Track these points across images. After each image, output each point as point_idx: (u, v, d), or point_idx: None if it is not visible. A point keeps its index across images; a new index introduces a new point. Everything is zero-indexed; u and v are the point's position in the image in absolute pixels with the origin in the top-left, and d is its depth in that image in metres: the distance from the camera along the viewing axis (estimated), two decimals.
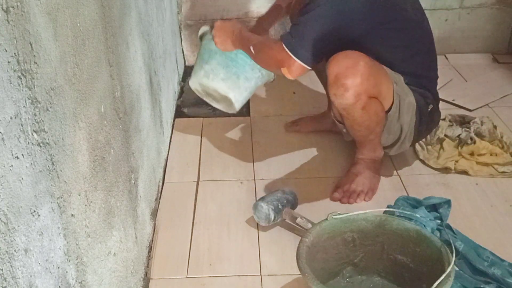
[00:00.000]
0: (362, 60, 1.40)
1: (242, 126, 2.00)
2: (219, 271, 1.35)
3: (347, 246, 1.25)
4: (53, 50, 0.74)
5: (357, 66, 1.38)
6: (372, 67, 1.42)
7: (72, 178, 0.81)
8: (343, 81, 1.39)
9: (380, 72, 1.46)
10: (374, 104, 1.46)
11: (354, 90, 1.39)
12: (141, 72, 1.39)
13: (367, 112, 1.45)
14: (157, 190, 1.59)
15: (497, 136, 1.78)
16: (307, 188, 1.64)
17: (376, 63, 1.46)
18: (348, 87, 1.39)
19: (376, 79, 1.43)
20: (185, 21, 2.44)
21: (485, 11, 2.45)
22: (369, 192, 1.59)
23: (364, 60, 1.40)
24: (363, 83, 1.39)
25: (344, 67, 1.39)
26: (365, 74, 1.39)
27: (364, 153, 1.61)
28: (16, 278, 0.62)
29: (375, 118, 1.49)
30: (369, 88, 1.41)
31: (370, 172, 1.61)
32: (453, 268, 1.06)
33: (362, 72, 1.38)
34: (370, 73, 1.40)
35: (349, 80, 1.38)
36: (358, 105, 1.42)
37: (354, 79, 1.38)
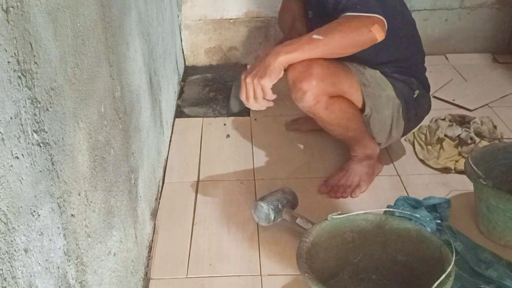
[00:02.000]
0: (315, 63, 1.41)
1: (242, 126, 2.00)
2: (219, 271, 1.35)
3: (347, 246, 1.25)
4: (53, 50, 0.74)
5: (310, 69, 1.41)
6: (327, 67, 1.44)
7: (72, 178, 0.81)
8: (299, 85, 1.42)
9: (338, 70, 1.48)
10: (338, 102, 1.48)
11: (310, 92, 1.42)
12: (141, 72, 1.39)
13: (332, 111, 1.48)
14: (157, 190, 1.59)
15: (497, 136, 1.78)
16: (307, 188, 1.64)
17: (334, 62, 1.47)
18: (304, 90, 1.42)
19: (334, 78, 1.46)
20: (185, 21, 2.44)
21: (485, 11, 2.45)
22: (356, 188, 1.60)
23: (317, 62, 1.42)
24: (318, 84, 1.41)
25: (298, 71, 1.42)
26: (319, 75, 1.41)
27: (356, 150, 1.62)
28: (16, 278, 0.62)
29: (343, 115, 1.51)
30: (327, 88, 1.44)
31: (361, 169, 1.62)
32: (453, 268, 1.06)
33: (315, 73, 1.40)
34: (325, 74, 1.42)
35: (304, 84, 1.41)
36: (319, 105, 1.46)
37: (309, 81, 1.41)
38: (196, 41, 2.48)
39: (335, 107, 1.48)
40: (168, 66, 1.97)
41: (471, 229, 1.44)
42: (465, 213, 1.51)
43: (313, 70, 1.41)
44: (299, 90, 1.43)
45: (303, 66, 1.42)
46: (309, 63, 1.42)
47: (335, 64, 1.47)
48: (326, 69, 1.43)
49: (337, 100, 1.48)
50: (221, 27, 2.45)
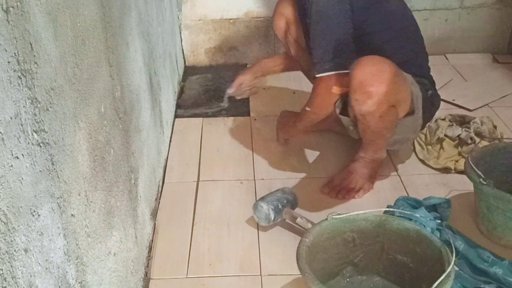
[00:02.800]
0: (388, 67, 1.38)
1: (242, 126, 2.00)
2: (219, 271, 1.35)
3: (347, 246, 1.25)
4: (53, 50, 0.74)
5: (383, 74, 1.36)
6: (396, 75, 1.40)
7: (72, 178, 0.81)
8: (367, 88, 1.37)
9: (401, 78, 1.45)
10: (391, 113, 1.45)
11: (377, 98, 1.37)
12: (141, 72, 1.39)
13: (383, 120, 1.45)
14: (157, 190, 1.59)
15: (497, 136, 1.78)
16: (307, 188, 1.64)
17: (398, 69, 1.44)
18: (372, 95, 1.37)
19: (398, 87, 1.42)
20: (185, 21, 2.44)
21: (485, 11, 2.45)
22: (360, 191, 1.59)
23: (390, 67, 1.38)
24: (387, 92, 1.36)
25: (369, 73, 1.37)
26: (390, 83, 1.36)
27: (367, 153, 1.61)
28: (16, 278, 0.62)
29: (389, 126, 1.49)
30: (391, 96, 1.40)
31: (366, 172, 1.61)
32: (453, 268, 1.06)
33: (387, 80, 1.36)
34: (394, 81, 1.38)
35: (374, 88, 1.36)
36: (377, 113, 1.41)
37: (379, 87, 1.36)
38: (196, 41, 2.48)
39: (387, 118, 1.45)
40: (168, 66, 1.97)
41: (471, 229, 1.44)
42: (465, 213, 1.51)
43: (385, 75, 1.36)
44: (365, 93, 1.37)
45: (375, 69, 1.37)
46: (381, 67, 1.37)
47: (399, 69, 1.43)
48: (395, 76, 1.39)
49: (392, 111, 1.44)
50: (221, 27, 2.45)
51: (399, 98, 1.45)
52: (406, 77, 1.49)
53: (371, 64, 1.38)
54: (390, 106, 1.43)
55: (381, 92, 1.36)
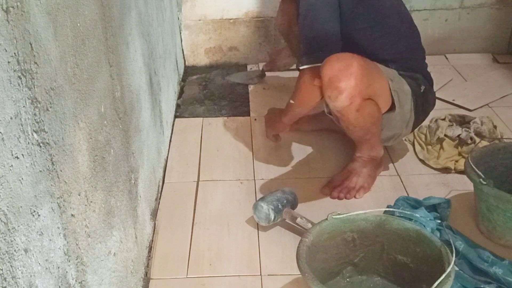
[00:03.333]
0: (355, 61, 1.39)
1: (242, 126, 2.00)
2: (219, 271, 1.35)
3: (347, 246, 1.25)
4: (53, 50, 0.74)
5: (350, 68, 1.38)
6: (366, 68, 1.42)
7: (72, 178, 0.81)
8: (336, 84, 1.39)
9: (373, 71, 1.46)
10: (369, 106, 1.46)
11: (348, 92, 1.38)
12: (141, 72, 1.39)
13: (362, 114, 1.45)
14: (157, 190, 1.59)
15: (497, 136, 1.78)
16: (307, 188, 1.64)
17: (369, 62, 1.46)
18: (341, 90, 1.38)
19: (370, 80, 1.43)
20: (185, 21, 2.44)
21: (485, 11, 2.45)
22: (360, 189, 1.59)
23: (357, 61, 1.39)
24: (357, 84, 1.38)
25: (336, 69, 1.39)
26: (359, 76, 1.38)
27: (363, 152, 1.62)
28: (16, 278, 0.62)
29: (370, 119, 1.49)
30: (363, 89, 1.41)
31: (366, 171, 1.62)
32: (453, 268, 1.06)
33: (355, 74, 1.38)
34: (363, 74, 1.40)
35: (343, 83, 1.38)
36: (352, 107, 1.42)
37: (348, 81, 1.38)
38: (196, 41, 2.48)
39: (365, 110, 1.45)
40: (168, 66, 1.97)
41: (471, 229, 1.44)
42: (465, 213, 1.51)
43: (352, 69, 1.37)
44: (335, 89, 1.39)
45: (341, 64, 1.39)
46: (348, 62, 1.39)
47: (369, 63, 1.45)
48: (364, 70, 1.40)
49: (368, 103, 1.45)
50: (221, 27, 2.45)
51: (374, 91, 1.45)
52: (381, 71, 1.49)
53: (338, 60, 1.40)
54: (365, 100, 1.44)
55: (351, 86, 1.38)
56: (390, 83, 1.50)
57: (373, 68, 1.47)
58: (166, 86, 1.87)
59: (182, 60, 2.46)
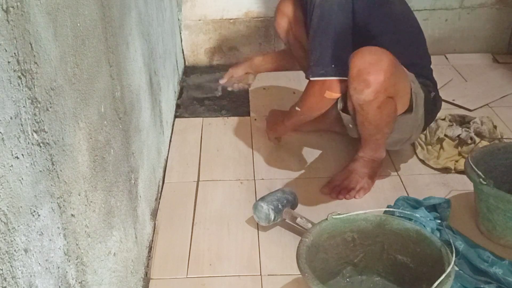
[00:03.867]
0: (386, 57, 1.38)
1: (242, 126, 2.00)
2: (219, 271, 1.35)
3: (347, 246, 1.25)
4: (53, 50, 0.74)
5: (381, 63, 1.36)
6: (395, 66, 1.40)
7: (72, 178, 0.81)
8: (365, 76, 1.36)
9: (400, 71, 1.45)
10: (390, 105, 1.45)
11: (375, 87, 1.37)
12: (141, 72, 1.39)
13: (381, 111, 1.45)
14: (157, 190, 1.59)
15: (497, 136, 1.78)
16: (307, 188, 1.64)
17: (397, 61, 1.44)
18: (369, 84, 1.36)
19: (396, 78, 1.42)
20: (185, 21, 2.44)
21: (485, 11, 2.45)
22: (360, 190, 1.59)
23: (388, 57, 1.38)
24: (385, 81, 1.36)
25: (367, 62, 1.37)
26: (388, 72, 1.36)
27: (366, 152, 1.61)
28: (16, 278, 0.62)
29: (387, 119, 1.48)
30: (389, 87, 1.39)
31: (366, 172, 1.62)
32: (453, 268, 1.06)
33: (385, 69, 1.36)
34: (392, 72, 1.38)
35: (372, 77, 1.36)
36: (375, 103, 1.41)
37: (377, 76, 1.36)
38: (196, 41, 2.48)
39: (386, 109, 1.44)
40: (168, 66, 1.97)
41: (471, 229, 1.44)
42: (465, 213, 1.51)
43: (383, 64, 1.36)
44: (363, 82, 1.37)
45: (373, 58, 1.37)
46: (380, 56, 1.37)
47: (398, 62, 1.44)
48: (393, 67, 1.39)
49: (390, 102, 1.44)
50: (221, 27, 2.45)
51: (397, 90, 1.44)
52: (406, 72, 1.49)
53: (370, 53, 1.39)
54: (388, 98, 1.43)
55: (379, 81, 1.36)
56: (412, 85, 1.49)
57: (400, 68, 1.46)
58: (166, 86, 1.87)
59: (182, 60, 2.46)
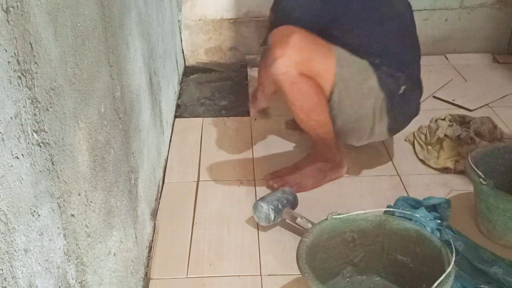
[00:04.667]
0: (296, 33, 1.42)
1: (242, 126, 2.00)
2: (219, 271, 1.35)
3: (347, 246, 1.25)
4: (53, 50, 0.74)
5: (289, 38, 1.40)
6: (307, 43, 1.43)
7: (72, 178, 0.81)
8: (274, 49, 1.42)
9: (318, 49, 1.46)
10: (305, 83, 1.45)
11: (282, 59, 1.41)
12: (141, 72, 1.39)
13: (296, 88, 1.45)
14: (157, 190, 1.59)
15: (497, 136, 1.78)
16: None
17: (318, 41, 1.46)
18: (277, 56, 1.41)
19: (311, 54, 1.44)
20: (185, 21, 2.44)
21: (485, 11, 2.45)
22: (294, 187, 1.58)
23: (298, 34, 1.42)
24: (292, 54, 1.40)
25: (277, 37, 1.43)
26: (296, 46, 1.40)
27: (318, 149, 1.63)
28: (16, 278, 0.62)
29: (307, 98, 1.48)
30: (301, 61, 1.42)
31: (311, 170, 1.63)
32: (453, 268, 1.06)
33: (292, 43, 1.40)
34: (301, 47, 1.42)
35: (278, 50, 1.41)
36: (286, 77, 1.43)
37: (284, 49, 1.40)
38: (196, 41, 2.48)
39: (300, 86, 1.45)
40: (168, 66, 1.97)
41: (471, 229, 1.44)
42: (465, 213, 1.51)
43: (291, 39, 1.41)
44: (271, 55, 1.43)
45: (282, 33, 1.43)
46: (290, 32, 1.42)
47: (316, 40, 1.46)
48: (304, 44, 1.43)
49: (306, 80, 1.45)
50: (221, 27, 2.45)
51: (313, 69, 1.45)
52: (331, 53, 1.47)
53: (281, 29, 1.45)
54: (304, 76, 1.44)
55: (286, 54, 1.40)
56: (338, 69, 1.47)
57: (319, 45, 1.47)
58: (166, 86, 1.87)
59: (182, 60, 2.46)
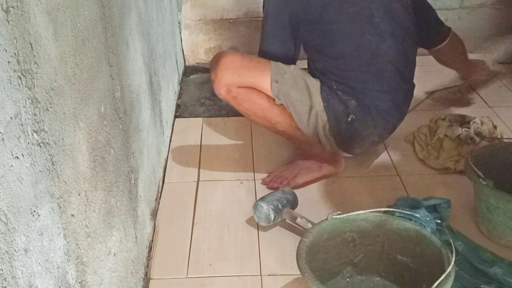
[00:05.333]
0: (226, 54, 1.57)
1: (242, 126, 2.00)
2: (219, 271, 1.35)
3: (347, 246, 1.25)
4: (53, 50, 0.74)
5: (218, 60, 1.53)
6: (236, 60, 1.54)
7: (72, 178, 0.81)
8: (210, 75, 1.56)
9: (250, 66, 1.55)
10: (247, 92, 1.54)
11: (217, 81, 1.53)
12: (141, 72, 1.39)
13: (240, 100, 1.56)
14: (157, 190, 1.59)
15: (497, 136, 1.78)
16: (307, 188, 1.63)
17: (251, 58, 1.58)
18: (213, 79, 1.55)
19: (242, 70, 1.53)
20: (185, 21, 2.44)
21: (485, 11, 2.45)
22: (291, 180, 1.61)
23: (228, 54, 1.57)
24: (223, 75, 1.51)
25: (211, 64, 1.57)
26: (225, 66, 1.52)
27: (301, 148, 1.71)
28: (16, 278, 0.62)
29: (255, 106, 1.56)
30: (233, 78, 1.52)
31: (305, 163, 1.65)
32: (453, 268, 1.06)
33: (221, 64, 1.52)
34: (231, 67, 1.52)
35: (212, 73, 1.55)
36: (226, 95, 1.55)
37: (216, 72, 1.53)
38: (196, 41, 2.48)
39: (242, 96, 1.55)
40: (168, 66, 1.97)
41: (471, 229, 1.44)
42: (465, 213, 1.51)
43: (220, 61, 1.53)
44: (211, 80, 1.56)
45: (216, 59, 1.56)
46: (221, 55, 1.56)
47: (249, 58, 1.58)
48: (233, 62, 1.53)
49: (246, 89, 1.54)
50: (221, 27, 2.45)
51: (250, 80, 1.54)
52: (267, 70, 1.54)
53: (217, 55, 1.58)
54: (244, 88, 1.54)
55: (218, 76, 1.53)
56: (274, 84, 1.53)
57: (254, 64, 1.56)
58: (166, 86, 1.87)
59: (182, 60, 2.46)
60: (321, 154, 1.65)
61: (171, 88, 2.04)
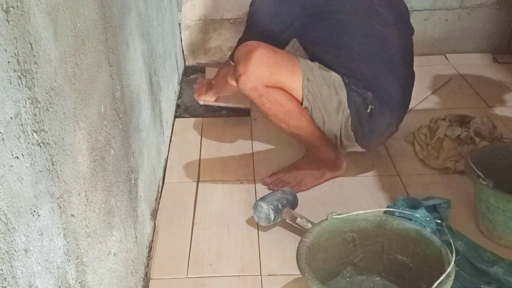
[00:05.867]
0: (259, 48, 1.45)
1: (242, 126, 2.00)
2: (219, 271, 1.35)
3: (347, 246, 1.25)
4: (53, 50, 0.74)
5: (250, 54, 1.44)
6: (271, 58, 1.46)
7: (72, 178, 0.81)
8: (237, 66, 1.47)
9: (281, 61, 1.49)
10: (273, 93, 1.49)
11: (245, 76, 1.45)
12: (141, 72, 1.39)
13: (267, 100, 1.50)
14: (157, 190, 1.59)
15: (497, 136, 1.78)
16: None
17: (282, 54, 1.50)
18: (240, 73, 1.45)
19: (273, 68, 1.47)
20: (185, 21, 2.44)
21: (485, 11, 2.45)
22: (295, 186, 1.60)
23: (261, 48, 1.45)
24: (255, 70, 1.44)
25: (241, 53, 1.47)
26: (257, 62, 1.44)
27: (309, 150, 1.67)
28: (16, 278, 0.62)
29: (278, 107, 1.52)
30: (264, 76, 1.45)
31: (310, 169, 1.64)
32: (453, 268, 1.06)
33: (254, 60, 1.43)
34: (264, 63, 1.45)
35: (241, 67, 1.45)
36: (253, 92, 1.48)
37: (246, 66, 1.44)
38: (196, 41, 2.48)
39: (269, 97, 1.49)
40: (168, 66, 1.97)
41: (471, 229, 1.44)
42: (465, 213, 1.51)
43: (252, 55, 1.44)
44: (237, 71, 1.47)
45: (245, 50, 1.47)
46: (253, 48, 1.46)
47: (280, 54, 1.50)
48: (267, 57, 1.46)
49: (274, 90, 1.49)
50: (221, 27, 2.45)
51: (279, 81, 1.48)
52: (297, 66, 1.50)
53: (244, 46, 1.49)
54: (271, 87, 1.48)
55: (248, 71, 1.44)
56: (305, 82, 1.50)
57: (284, 61, 1.50)
58: (166, 86, 1.87)
59: (182, 60, 2.46)
60: (326, 158, 1.64)
61: (171, 88, 2.04)
